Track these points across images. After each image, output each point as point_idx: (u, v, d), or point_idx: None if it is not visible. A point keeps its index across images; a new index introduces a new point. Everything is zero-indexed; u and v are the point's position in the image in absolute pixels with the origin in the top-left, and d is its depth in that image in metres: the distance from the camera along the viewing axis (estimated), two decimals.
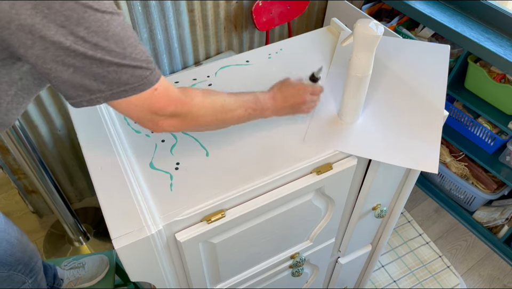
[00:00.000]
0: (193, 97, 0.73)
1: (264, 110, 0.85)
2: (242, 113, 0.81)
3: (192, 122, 0.75)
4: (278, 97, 0.86)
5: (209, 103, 0.76)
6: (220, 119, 0.78)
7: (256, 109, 0.83)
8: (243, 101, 0.81)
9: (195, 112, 0.74)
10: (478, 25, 1.66)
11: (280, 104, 0.86)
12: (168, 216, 0.76)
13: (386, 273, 1.85)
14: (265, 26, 1.87)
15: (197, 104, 0.74)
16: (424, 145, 0.90)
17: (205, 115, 0.75)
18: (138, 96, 0.65)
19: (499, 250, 1.91)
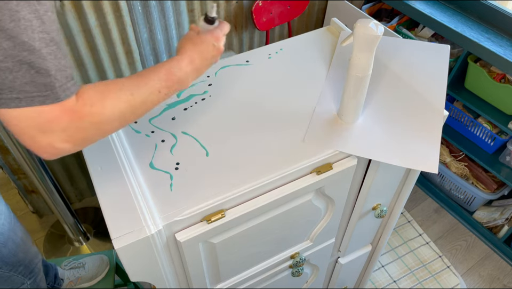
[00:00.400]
0: (90, 103, 0.59)
1: (183, 80, 0.74)
2: (156, 97, 0.70)
3: (96, 133, 0.62)
4: (196, 58, 0.76)
5: (111, 106, 0.62)
6: (129, 119, 0.66)
7: (172, 85, 0.72)
8: (153, 85, 0.69)
9: (97, 121, 0.61)
10: (478, 25, 1.66)
11: (199, 65, 0.77)
12: (168, 216, 0.76)
13: (386, 273, 1.85)
14: (265, 26, 1.87)
15: (97, 112, 0.60)
16: (424, 145, 0.90)
17: (109, 122, 0.62)
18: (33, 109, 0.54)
19: (499, 250, 1.91)
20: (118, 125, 0.65)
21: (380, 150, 0.89)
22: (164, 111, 0.96)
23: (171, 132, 0.92)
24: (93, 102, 0.59)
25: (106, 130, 0.63)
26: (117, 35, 1.55)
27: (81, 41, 1.49)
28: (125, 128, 0.93)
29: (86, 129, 0.60)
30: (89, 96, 0.59)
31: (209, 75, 1.06)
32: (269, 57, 1.11)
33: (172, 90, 0.72)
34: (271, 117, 0.95)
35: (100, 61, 1.58)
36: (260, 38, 2.04)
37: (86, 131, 0.60)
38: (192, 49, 0.77)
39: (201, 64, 0.77)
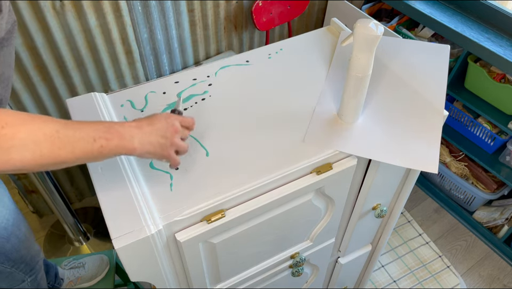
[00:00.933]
0: (3, 124, 0.53)
1: (124, 136, 0.66)
2: (90, 146, 0.61)
3: (1, 160, 0.54)
4: (144, 125, 0.70)
5: (27, 134, 0.55)
6: (46, 158, 0.57)
7: (111, 138, 0.64)
8: (88, 131, 0.61)
9: (5, 145, 0.53)
10: (478, 25, 1.66)
11: (146, 130, 0.69)
12: (168, 216, 0.76)
13: (386, 273, 1.85)
14: (265, 26, 1.87)
15: (8, 134, 0.53)
16: (424, 145, 0.90)
17: (19, 151, 0.55)
18: None
19: (499, 250, 1.91)
20: (29, 159, 0.56)
21: (380, 150, 0.89)
22: (163, 111, 0.96)
23: None
24: (6, 124, 0.54)
25: (13, 160, 0.55)
26: (117, 36, 1.55)
27: (81, 41, 1.49)
28: None
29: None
30: (3, 117, 0.54)
31: (209, 75, 1.06)
32: (269, 57, 1.11)
33: (111, 145, 0.64)
34: (271, 117, 0.95)
35: (99, 61, 1.58)
36: (260, 38, 2.04)
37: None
38: (143, 119, 0.72)
39: (149, 130, 0.70)
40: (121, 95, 1.00)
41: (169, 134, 0.72)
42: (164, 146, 0.72)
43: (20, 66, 1.44)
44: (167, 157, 0.74)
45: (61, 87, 1.58)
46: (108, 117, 0.93)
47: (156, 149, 0.71)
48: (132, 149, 0.67)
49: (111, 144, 0.64)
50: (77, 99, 0.97)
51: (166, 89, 1.02)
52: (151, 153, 0.71)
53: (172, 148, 0.74)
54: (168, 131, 0.72)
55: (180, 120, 0.76)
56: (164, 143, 0.72)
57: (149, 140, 0.70)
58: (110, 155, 0.66)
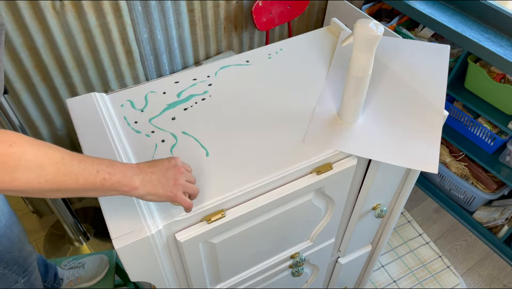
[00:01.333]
0: (10, 142, 0.53)
1: (126, 176, 0.66)
2: (93, 177, 0.61)
3: (4, 179, 0.53)
4: (145, 165, 0.70)
5: (33, 156, 0.55)
6: (52, 181, 0.57)
7: (114, 174, 0.64)
8: (91, 163, 0.62)
9: (11, 164, 0.53)
10: (478, 25, 1.66)
11: (148, 171, 0.69)
12: (168, 216, 0.76)
13: (386, 273, 1.85)
14: (265, 26, 1.87)
15: (16, 153, 0.53)
16: (424, 145, 0.90)
17: (24, 171, 0.54)
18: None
19: (499, 250, 1.91)
20: (34, 182, 0.56)
21: (380, 150, 0.89)
22: (164, 111, 0.96)
23: (171, 132, 0.92)
24: (14, 143, 0.54)
25: (17, 181, 0.55)
26: (117, 36, 1.55)
27: (81, 41, 1.49)
28: (125, 128, 0.93)
29: (7, 172, 0.53)
30: (11, 137, 0.54)
31: (209, 75, 1.06)
32: (269, 57, 1.11)
33: (113, 179, 0.64)
34: (271, 117, 0.95)
35: (100, 61, 1.58)
36: (260, 38, 2.04)
37: (8, 174, 0.53)
38: (144, 162, 0.72)
39: (150, 171, 0.69)
40: (121, 95, 1.00)
41: (171, 174, 0.71)
42: (166, 186, 0.70)
43: (20, 66, 1.44)
44: (173, 198, 0.71)
45: (61, 87, 1.58)
46: (108, 117, 0.94)
47: (157, 190, 0.69)
48: (133, 187, 0.67)
49: (113, 179, 0.64)
50: (77, 99, 0.97)
51: (166, 89, 1.02)
52: (153, 194, 0.69)
53: (176, 188, 0.71)
54: (170, 171, 0.71)
55: (186, 167, 0.75)
56: (165, 182, 0.70)
57: (150, 180, 0.69)
58: (111, 191, 0.65)
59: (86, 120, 0.93)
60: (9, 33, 1.35)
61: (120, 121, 0.94)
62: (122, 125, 0.93)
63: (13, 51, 1.39)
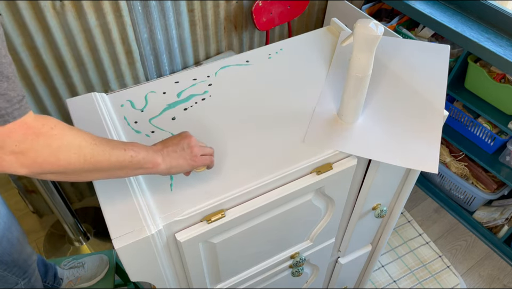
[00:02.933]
0: (51, 126, 0.59)
1: (149, 154, 0.71)
2: (122, 155, 0.67)
3: (50, 160, 0.58)
4: (159, 144, 0.76)
5: (72, 137, 0.61)
6: (89, 161, 0.63)
7: (139, 152, 0.69)
8: (119, 144, 0.67)
9: (54, 145, 0.58)
10: (478, 25, 1.66)
11: (164, 147, 0.75)
12: (168, 216, 0.76)
13: (386, 273, 1.85)
14: (265, 26, 1.87)
15: (58, 135, 0.59)
16: (424, 145, 0.90)
17: (66, 151, 0.60)
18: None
19: (499, 250, 1.91)
20: (75, 161, 0.61)
21: (380, 150, 0.89)
22: (164, 111, 0.96)
23: (171, 132, 0.92)
24: (54, 126, 0.59)
25: (61, 160, 0.60)
26: (117, 36, 1.55)
27: (81, 41, 1.49)
28: (125, 128, 0.93)
29: (39, 150, 0.57)
30: (52, 120, 0.59)
31: (209, 75, 1.06)
32: (269, 57, 1.11)
33: (139, 156, 0.69)
34: (271, 117, 0.95)
35: (100, 61, 1.58)
36: (260, 38, 2.04)
37: (38, 152, 0.57)
38: (157, 143, 0.76)
39: (167, 149, 0.74)
40: (121, 95, 1.00)
41: (185, 144, 0.76)
42: (186, 155, 0.76)
43: (20, 66, 1.44)
44: (194, 163, 0.77)
45: (61, 87, 1.58)
46: (108, 117, 0.94)
47: (178, 161, 0.75)
48: (156, 164, 0.72)
49: (139, 156, 0.69)
50: (77, 99, 0.97)
51: (166, 89, 1.02)
52: (175, 166, 0.75)
53: (194, 154, 0.77)
54: (183, 142, 0.76)
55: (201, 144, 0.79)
56: (183, 153, 0.76)
57: (169, 154, 0.74)
58: (138, 170, 0.71)
59: (86, 120, 0.93)
60: (9, 33, 1.34)
61: (120, 121, 0.94)
62: (122, 125, 0.93)
63: (13, 51, 1.39)
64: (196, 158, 0.77)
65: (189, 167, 0.77)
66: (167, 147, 0.75)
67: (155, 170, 0.73)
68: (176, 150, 0.75)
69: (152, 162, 0.72)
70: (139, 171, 0.72)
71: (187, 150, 0.76)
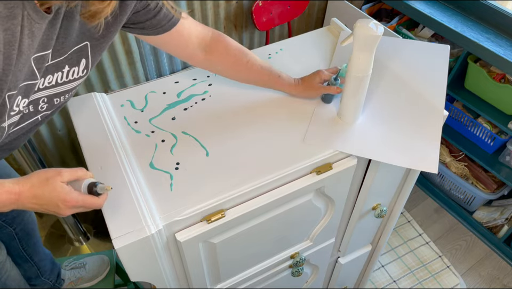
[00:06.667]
0: None
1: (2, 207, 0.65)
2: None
3: None
4: (27, 195, 0.66)
5: None
6: None
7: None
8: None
9: None
10: (477, 25, 1.66)
11: (25, 204, 0.66)
12: (168, 216, 0.76)
13: (386, 273, 1.85)
14: (265, 26, 1.87)
15: None
16: (424, 145, 0.90)
17: None
18: None
19: (499, 250, 1.91)
20: None
21: (379, 150, 0.89)
22: (164, 111, 0.96)
23: (171, 132, 0.92)
24: None
25: None
26: (117, 35, 1.55)
27: None
28: (125, 128, 0.93)
29: None
30: None
31: (209, 76, 1.06)
32: (269, 57, 1.11)
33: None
34: (271, 117, 0.95)
35: (100, 61, 1.58)
36: (260, 38, 2.04)
37: None
38: (32, 188, 0.66)
39: (30, 204, 0.67)
40: (121, 95, 1.00)
41: (56, 213, 0.68)
42: (50, 211, 0.68)
43: None
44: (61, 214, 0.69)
45: None
46: (108, 117, 0.94)
47: (37, 210, 0.68)
48: (7, 210, 0.66)
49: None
50: (77, 99, 0.97)
51: (166, 89, 1.02)
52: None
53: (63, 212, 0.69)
54: (55, 212, 0.68)
55: (81, 202, 0.68)
56: (47, 210, 0.68)
57: (30, 207, 0.67)
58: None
59: (86, 120, 0.93)
60: None
61: (120, 121, 0.94)
62: (122, 125, 0.94)
63: None
64: (62, 215, 0.69)
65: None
66: (33, 204, 0.66)
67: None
68: (41, 208, 0.67)
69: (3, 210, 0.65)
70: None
71: (55, 212, 0.68)
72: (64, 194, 0.66)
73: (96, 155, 0.86)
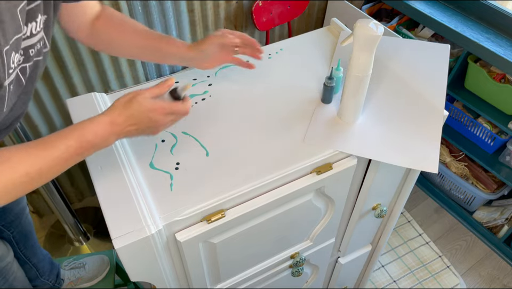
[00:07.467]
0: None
1: (99, 145, 0.69)
2: (65, 165, 0.65)
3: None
4: (120, 123, 0.69)
5: (9, 176, 0.60)
6: (22, 193, 0.63)
7: (83, 152, 0.67)
8: (58, 156, 0.64)
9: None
10: (477, 25, 1.66)
11: (123, 130, 0.70)
12: (168, 216, 0.76)
13: (386, 273, 1.85)
14: (265, 26, 1.87)
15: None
16: (424, 145, 0.90)
17: (11, 190, 0.61)
18: None
19: (499, 250, 1.91)
20: (23, 190, 0.63)
21: (380, 150, 0.89)
22: None
23: (171, 132, 0.92)
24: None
25: (11, 196, 0.62)
26: None
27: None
28: None
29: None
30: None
31: (209, 76, 1.06)
32: (269, 57, 1.11)
33: (85, 156, 0.68)
34: (271, 116, 0.95)
35: (100, 61, 1.58)
36: (260, 38, 2.04)
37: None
38: (121, 112, 0.70)
39: (126, 130, 0.70)
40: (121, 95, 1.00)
41: (152, 131, 0.73)
42: (146, 131, 0.73)
43: None
44: (155, 134, 0.75)
45: (61, 87, 1.58)
46: None
47: (136, 136, 0.73)
48: (109, 145, 0.71)
49: (85, 155, 0.68)
50: (77, 99, 0.97)
51: None
52: (131, 137, 0.74)
53: (156, 131, 0.74)
54: (152, 129, 0.72)
55: (167, 111, 0.73)
56: (145, 131, 0.73)
57: (128, 133, 0.71)
58: (91, 154, 0.70)
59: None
60: None
61: None
62: None
63: None
64: (157, 131, 0.73)
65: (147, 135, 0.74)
66: (129, 128, 0.70)
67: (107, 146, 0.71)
68: (138, 131, 0.71)
69: (104, 146, 0.69)
70: (92, 153, 0.70)
71: (151, 130, 0.72)
72: (151, 105, 0.70)
73: (96, 155, 0.86)
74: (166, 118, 0.73)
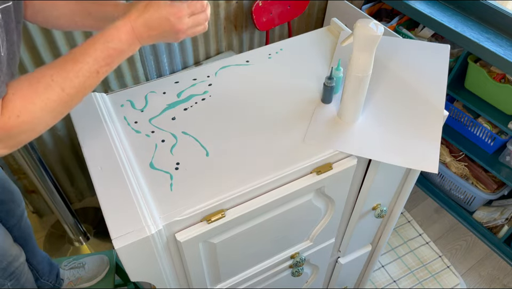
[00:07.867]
0: (17, 113, 0.58)
1: (125, 51, 0.68)
2: (96, 80, 0.66)
3: (31, 136, 0.62)
4: (140, 28, 0.68)
5: (40, 110, 0.60)
6: (64, 112, 0.65)
7: (112, 61, 0.67)
8: (89, 68, 0.64)
9: (28, 128, 0.60)
10: (478, 25, 1.66)
11: (144, 36, 0.69)
12: (168, 216, 0.76)
13: (386, 273, 1.85)
14: (265, 26, 1.87)
15: (26, 119, 0.59)
16: (424, 145, 0.90)
17: (41, 124, 0.62)
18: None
19: (499, 250, 1.91)
20: (52, 122, 0.64)
21: (380, 150, 0.89)
22: (164, 111, 0.96)
23: (171, 132, 0.92)
24: (20, 112, 0.59)
25: (40, 130, 0.63)
26: None
27: (81, 40, 1.49)
28: (125, 128, 0.93)
29: (17, 136, 0.60)
30: (14, 105, 0.58)
31: (209, 75, 1.06)
32: (269, 57, 1.11)
33: (113, 65, 0.68)
34: (271, 116, 0.95)
35: None
36: (260, 38, 2.04)
37: (17, 137, 0.60)
38: (140, 16, 0.68)
39: (147, 34, 0.69)
40: (121, 95, 1.00)
41: (173, 37, 0.71)
42: (169, 37, 0.71)
43: (20, 67, 1.44)
44: (180, 39, 0.72)
45: None
46: (108, 117, 0.94)
47: (161, 41, 0.72)
48: (132, 52, 0.70)
49: (114, 64, 0.68)
50: None
51: (166, 89, 1.02)
52: (157, 41, 0.72)
53: (180, 35, 0.72)
54: (172, 32, 0.70)
55: (186, 13, 0.70)
56: (166, 37, 0.71)
57: (150, 39, 0.70)
58: (119, 62, 0.69)
59: (86, 120, 0.93)
60: None
61: (120, 121, 0.94)
62: (122, 125, 0.93)
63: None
64: (181, 36, 0.71)
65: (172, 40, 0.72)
66: (151, 35, 0.69)
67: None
68: (159, 36, 0.70)
69: (130, 53, 0.69)
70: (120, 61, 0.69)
71: (174, 36, 0.70)
72: (169, 7, 0.68)
73: (96, 155, 0.86)
74: (186, 20, 0.71)
